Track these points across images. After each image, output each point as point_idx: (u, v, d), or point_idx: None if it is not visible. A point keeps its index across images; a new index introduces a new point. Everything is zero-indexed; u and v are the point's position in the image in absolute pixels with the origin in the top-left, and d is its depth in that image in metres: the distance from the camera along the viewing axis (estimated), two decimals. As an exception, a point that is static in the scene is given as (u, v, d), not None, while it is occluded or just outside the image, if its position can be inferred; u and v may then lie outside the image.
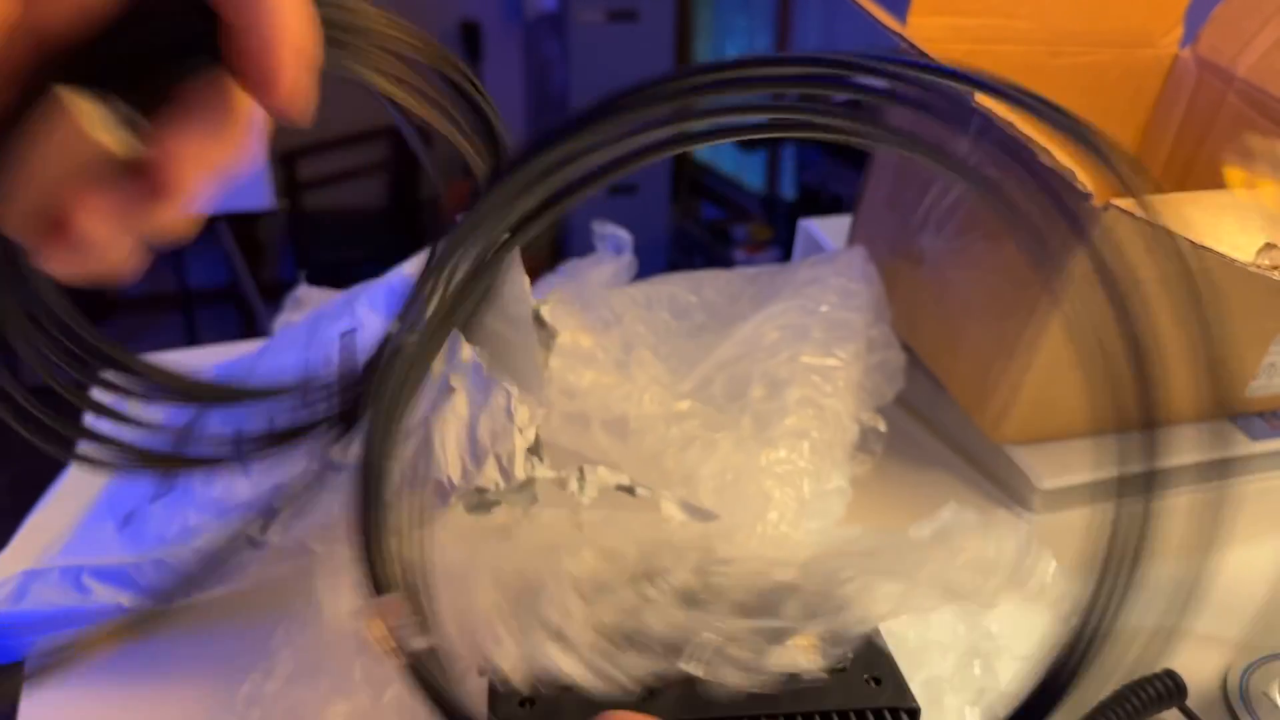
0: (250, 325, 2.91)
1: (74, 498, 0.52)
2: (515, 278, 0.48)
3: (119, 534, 0.44)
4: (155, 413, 0.57)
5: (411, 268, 0.46)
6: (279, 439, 0.41)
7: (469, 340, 0.41)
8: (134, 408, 0.58)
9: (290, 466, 0.41)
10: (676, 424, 0.49)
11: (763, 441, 0.47)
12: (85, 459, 0.40)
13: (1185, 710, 0.41)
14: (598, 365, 0.52)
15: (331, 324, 0.46)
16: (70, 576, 0.43)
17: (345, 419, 0.39)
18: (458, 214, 0.47)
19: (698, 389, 0.53)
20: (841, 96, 0.34)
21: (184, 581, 0.39)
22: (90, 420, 0.44)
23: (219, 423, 0.46)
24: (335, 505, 0.39)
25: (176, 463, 0.41)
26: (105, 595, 0.41)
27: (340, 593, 0.39)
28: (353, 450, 0.39)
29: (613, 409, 0.50)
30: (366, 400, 0.34)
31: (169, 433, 0.44)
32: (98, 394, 0.58)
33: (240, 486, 0.42)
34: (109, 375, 0.40)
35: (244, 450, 0.40)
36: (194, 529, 0.42)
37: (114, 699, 0.42)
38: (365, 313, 0.45)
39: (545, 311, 0.49)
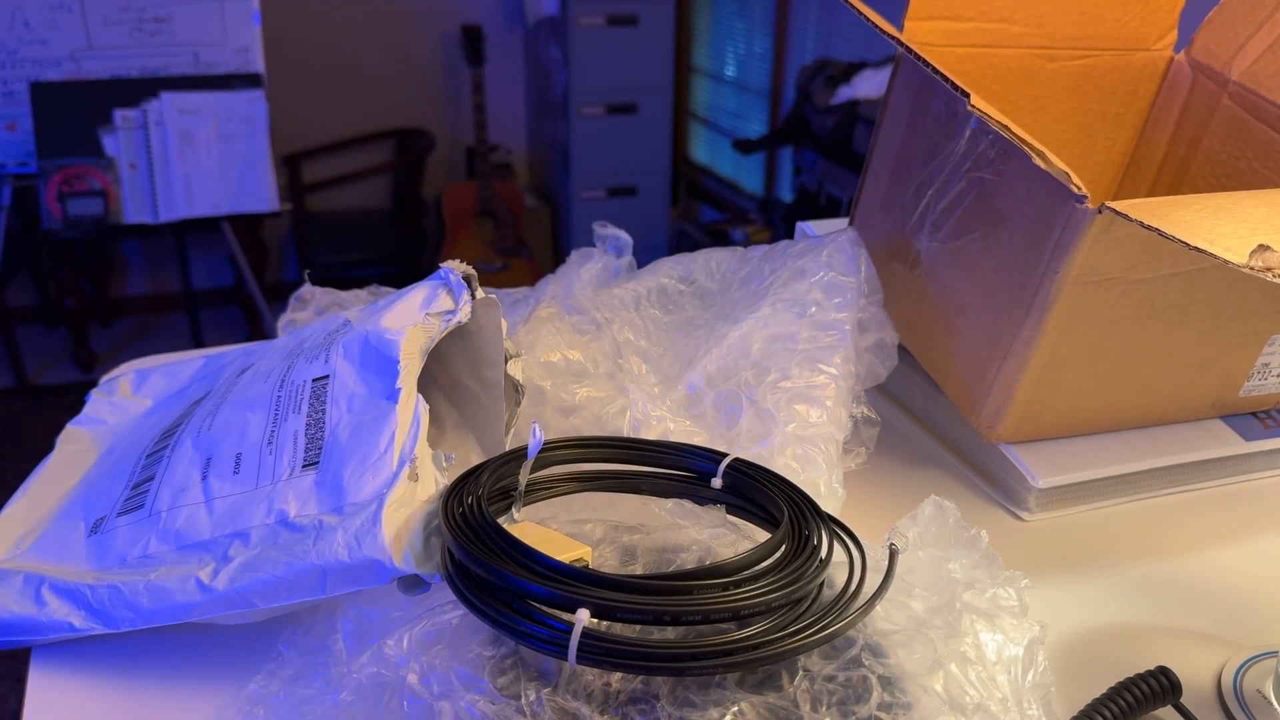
0: (255, 326, 2.91)
1: (52, 488, 0.52)
2: (494, 341, 0.49)
3: (86, 539, 0.45)
4: (145, 401, 0.58)
5: (390, 320, 0.46)
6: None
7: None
8: (125, 395, 0.59)
9: (252, 514, 0.41)
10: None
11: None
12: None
13: (1180, 708, 0.42)
14: (590, 380, 0.53)
15: (308, 365, 0.47)
16: (32, 586, 0.43)
17: None
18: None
19: (691, 403, 0.53)
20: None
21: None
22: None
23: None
24: (282, 564, 0.39)
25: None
26: (60, 612, 0.42)
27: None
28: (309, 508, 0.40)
29: (607, 425, 0.50)
30: None
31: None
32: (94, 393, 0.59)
33: (202, 524, 0.42)
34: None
35: None
36: (153, 556, 0.42)
37: (121, 698, 0.42)
38: (339, 362, 0.46)
39: (516, 370, 0.50)
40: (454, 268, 0.48)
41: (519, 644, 0.35)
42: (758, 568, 0.36)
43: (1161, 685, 0.41)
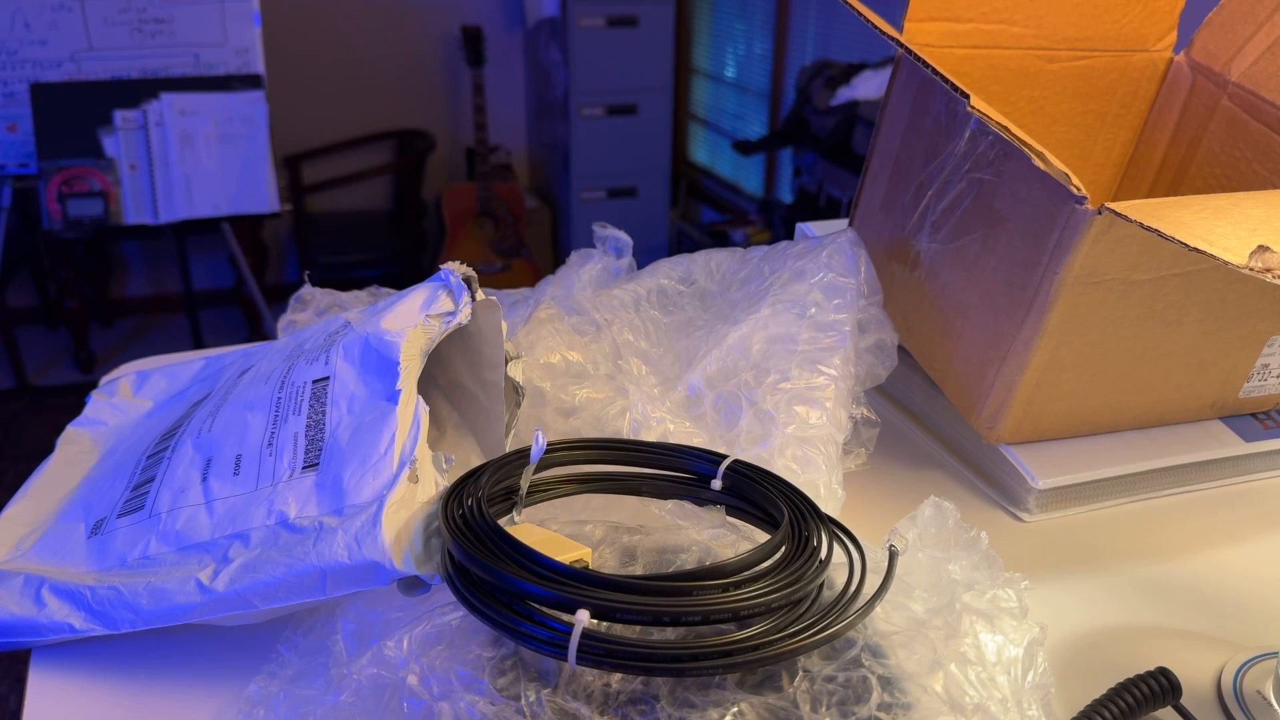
0: (255, 327, 2.91)
1: (53, 488, 0.52)
2: (495, 342, 0.49)
3: (86, 541, 0.45)
4: (145, 402, 0.58)
5: (390, 322, 0.46)
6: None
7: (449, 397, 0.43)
8: (125, 396, 0.59)
9: (252, 515, 0.42)
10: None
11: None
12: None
13: (1179, 709, 0.42)
14: (590, 381, 0.53)
15: (308, 366, 0.47)
16: (32, 587, 0.43)
17: None
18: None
19: (691, 405, 0.53)
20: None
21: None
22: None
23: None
24: (282, 565, 0.39)
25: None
26: (59, 613, 0.42)
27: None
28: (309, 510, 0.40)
29: (606, 427, 0.50)
30: None
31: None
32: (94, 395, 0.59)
33: (203, 525, 0.43)
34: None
35: None
36: (153, 557, 0.43)
37: (120, 700, 0.42)
38: (339, 363, 0.46)
39: (516, 371, 0.50)
40: (454, 269, 0.48)
41: (519, 645, 0.35)
42: (757, 569, 0.36)
43: (1161, 686, 0.41)
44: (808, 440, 0.50)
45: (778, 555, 0.37)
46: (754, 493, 0.43)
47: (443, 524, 0.38)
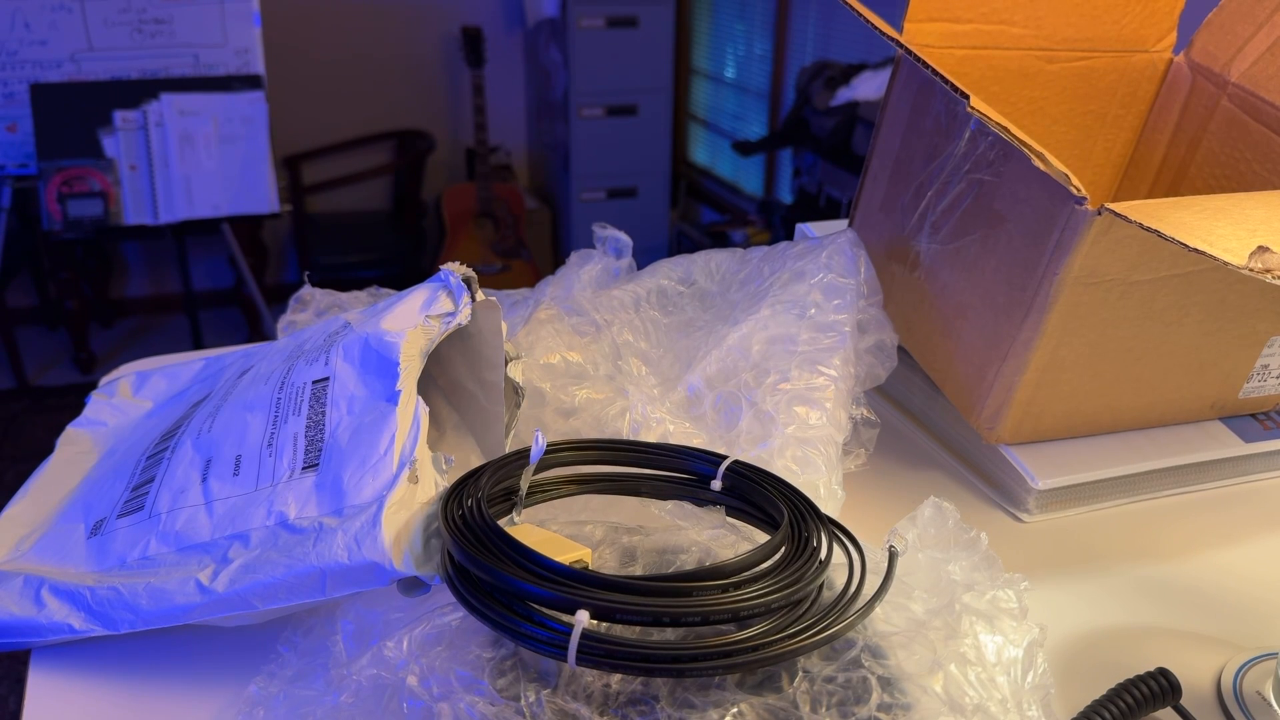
0: (255, 327, 2.92)
1: (53, 489, 0.52)
2: (494, 343, 0.49)
3: (86, 541, 0.45)
4: (145, 403, 0.58)
5: (390, 323, 0.46)
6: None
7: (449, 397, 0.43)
8: (125, 397, 0.59)
9: (251, 516, 0.42)
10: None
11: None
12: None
13: (1179, 709, 0.42)
14: (590, 382, 0.53)
15: (307, 367, 0.47)
16: (32, 588, 0.43)
17: None
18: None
19: (691, 405, 0.53)
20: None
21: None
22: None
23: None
24: (282, 566, 0.39)
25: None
26: (59, 614, 0.42)
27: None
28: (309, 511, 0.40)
29: (606, 428, 0.50)
30: None
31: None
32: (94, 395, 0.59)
33: (202, 525, 0.43)
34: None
35: None
36: (153, 558, 0.43)
37: (120, 700, 0.42)
38: (339, 364, 0.46)
39: (516, 372, 0.50)
40: (454, 270, 0.48)
41: (519, 645, 0.35)
42: (757, 569, 0.36)
43: (1161, 687, 0.41)
44: (807, 441, 0.50)
45: (777, 556, 0.37)
46: (754, 493, 0.43)
47: (442, 524, 0.38)
